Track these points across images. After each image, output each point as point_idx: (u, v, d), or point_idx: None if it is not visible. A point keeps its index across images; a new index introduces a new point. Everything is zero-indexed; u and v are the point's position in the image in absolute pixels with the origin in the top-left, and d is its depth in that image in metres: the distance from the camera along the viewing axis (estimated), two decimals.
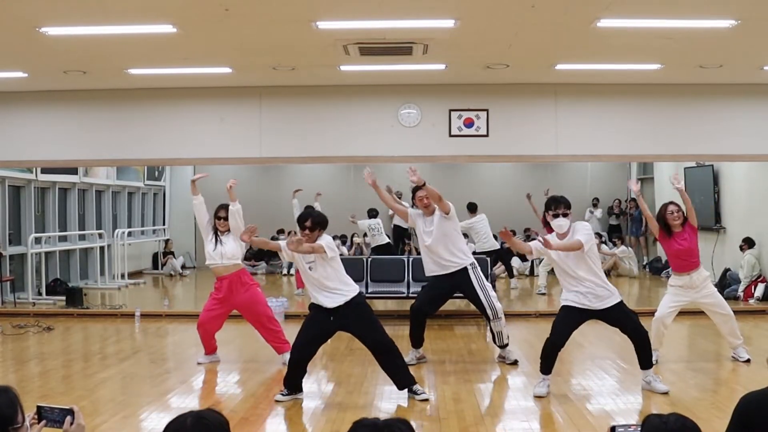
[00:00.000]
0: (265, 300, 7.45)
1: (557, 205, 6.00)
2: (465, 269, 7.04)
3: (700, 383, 6.46)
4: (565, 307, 6.04)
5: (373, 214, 14.00)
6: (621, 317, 6.00)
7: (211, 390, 6.55)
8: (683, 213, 6.84)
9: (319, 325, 5.96)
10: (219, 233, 7.18)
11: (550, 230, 6.21)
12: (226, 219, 7.18)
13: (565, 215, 5.97)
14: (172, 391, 6.26)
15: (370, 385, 6.42)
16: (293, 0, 5.79)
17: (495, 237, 12.69)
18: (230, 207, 7.16)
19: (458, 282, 7.09)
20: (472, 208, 12.81)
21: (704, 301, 6.97)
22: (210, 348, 7.34)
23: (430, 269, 7.14)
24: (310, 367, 6.18)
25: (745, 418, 2.76)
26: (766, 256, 11.49)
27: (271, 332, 7.24)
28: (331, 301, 5.87)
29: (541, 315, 10.03)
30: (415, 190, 7.13)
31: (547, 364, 6.05)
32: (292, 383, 6.02)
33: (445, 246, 7.00)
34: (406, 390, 5.99)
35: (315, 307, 5.99)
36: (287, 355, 7.14)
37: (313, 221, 5.88)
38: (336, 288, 5.87)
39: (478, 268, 7.17)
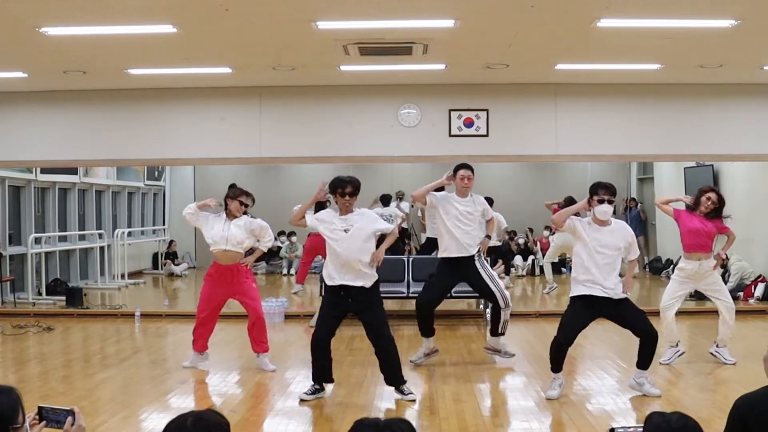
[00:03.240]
0: (258, 297, 7.19)
1: (604, 190, 5.89)
2: (471, 257, 7.05)
3: (700, 383, 6.46)
4: (574, 300, 5.95)
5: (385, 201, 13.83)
6: (631, 314, 5.92)
7: (210, 390, 6.55)
8: (716, 206, 7.01)
9: (338, 307, 5.97)
10: (228, 217, 6.96)
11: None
12: (243, 204, 7.01)
13: (610, 202, 5.89)
14: (172, 392, 6.26)
15: (370, 385, 6.42)
16: (293, 0, 5.79)
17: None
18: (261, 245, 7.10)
19: (464, 270, 7.06)
20: (489, 203, 12.86)
21: (709, 287, 7.19)
22: (201, 345, 7.06)
23: (448, 250, 7.08)
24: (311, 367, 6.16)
25: (741, 420, 2.75)
26: (765, 256, 11.49)
27: (256, 328, 7.00)
28: (357, 280, 5.86)
29: (541, 315, 10.03)
30: (458, 168, 7.33)
31: (555, 362, 5.99)
32: (323, 375, 6.00)
33: (473, 230, 7.14)
34: (394, 389, 6.00)
35: (331, 291, 5.96)
36: (263, 357, 7.01)
37: (353, 186, 6.01)
38: (367, 266, 5.89)
39: (483, 257, 7.22)
